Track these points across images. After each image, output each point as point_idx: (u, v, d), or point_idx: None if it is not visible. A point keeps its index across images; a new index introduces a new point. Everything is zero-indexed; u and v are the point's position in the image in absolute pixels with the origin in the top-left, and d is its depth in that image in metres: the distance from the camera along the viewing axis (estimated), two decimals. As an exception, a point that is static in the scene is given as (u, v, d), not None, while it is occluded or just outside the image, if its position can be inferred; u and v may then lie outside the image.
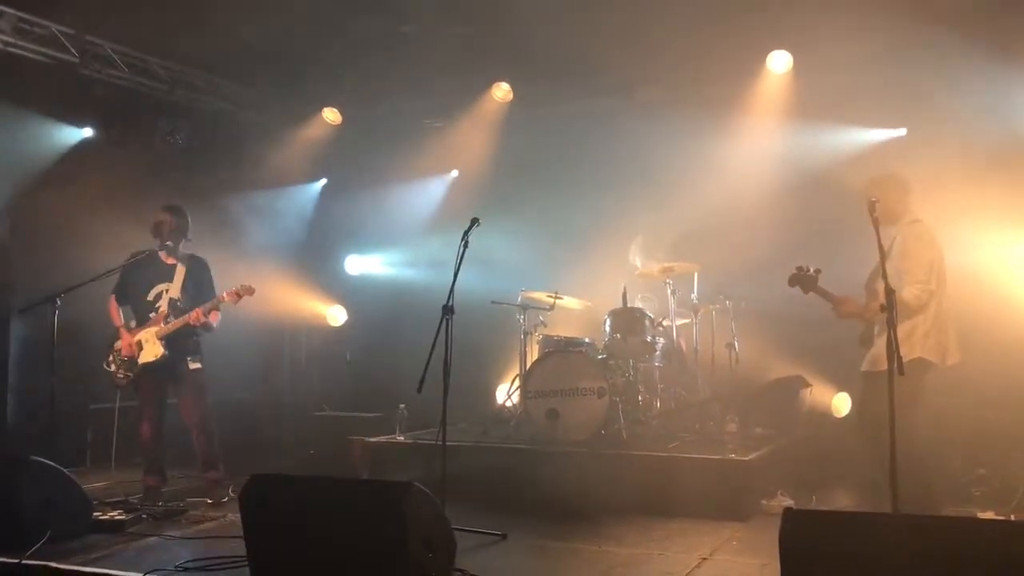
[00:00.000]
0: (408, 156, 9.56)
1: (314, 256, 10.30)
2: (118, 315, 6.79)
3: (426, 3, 7.72)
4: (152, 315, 6.66)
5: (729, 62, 7.87)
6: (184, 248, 6.84)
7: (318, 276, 10.17)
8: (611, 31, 7.69)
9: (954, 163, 6.83)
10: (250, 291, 6.58)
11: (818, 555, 3.59)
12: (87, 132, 8.65)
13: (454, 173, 9.94)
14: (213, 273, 6.95)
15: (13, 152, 8.21)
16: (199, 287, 6.77)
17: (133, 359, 6.61)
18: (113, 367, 6.67)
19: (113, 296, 6.82)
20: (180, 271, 6.73)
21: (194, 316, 6.51)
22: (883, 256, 4.56)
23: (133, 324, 6.75)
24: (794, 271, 5.43)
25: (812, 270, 5.38)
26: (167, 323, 6.58)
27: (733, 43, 7.62)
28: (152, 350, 6.59)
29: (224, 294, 6.56)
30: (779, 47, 7.95)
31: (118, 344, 6.69)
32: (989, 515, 5.79)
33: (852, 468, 6.57)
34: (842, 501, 6.45)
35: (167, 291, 6.69)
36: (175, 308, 6.62)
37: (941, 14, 6.69)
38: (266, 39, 8.03)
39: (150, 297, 6.71)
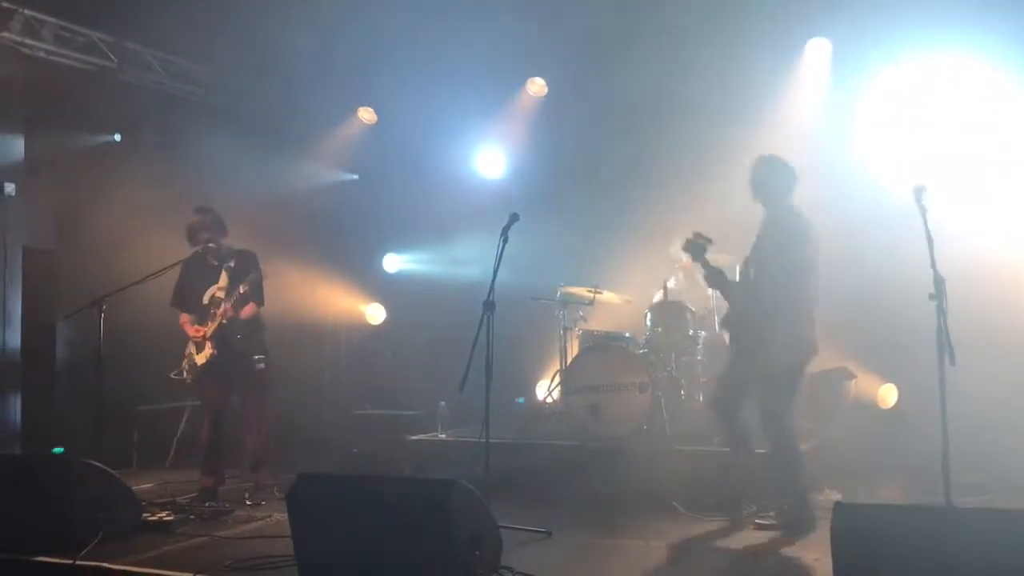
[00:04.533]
0: (444, 153, 9.58)
1: (352, 255, 10.34)
2: (189, 326, 6.83)
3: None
4: (208, 318, 6.75)
5: (768, 50, 7.78)
6: (228, 245, 6.88)
7: (356, 275, 10.22)
8: (646, 23, 7.64)
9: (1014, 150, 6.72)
10: (257, 277, 6.56)
11: (870, 548, 3.54)
12: (129, 137, 8.76)
13: (490, 169, 9.92)
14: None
15: (57, 159, 8.33)
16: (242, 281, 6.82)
17: (193, 359, 6.72)
18: (184, 373, 6.78)
19: (178, 311, 6.89)
20: (227, 270, 6.79)
21: (222, 311, 6.58)
22: (931, 244, 4.46)
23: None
24: (690, 235, 5.51)
25: (704, 239, 5.44)
26: (212, 323, 6.66)
27: (772, 31, 7.54)
28: (204, 352, 6.69)
29: (241, 287, 6.54)
30: (818, 34, 7.86)
31: (189, 348, 6.78)
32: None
33: (899, 460, 6.47)
34: (891, 493, 6.35)
35: (218, 292, 6.77)
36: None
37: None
38: (302, 41, 8.09)
39: (205, 301, 6.80)
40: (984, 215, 6.90)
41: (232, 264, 6.78)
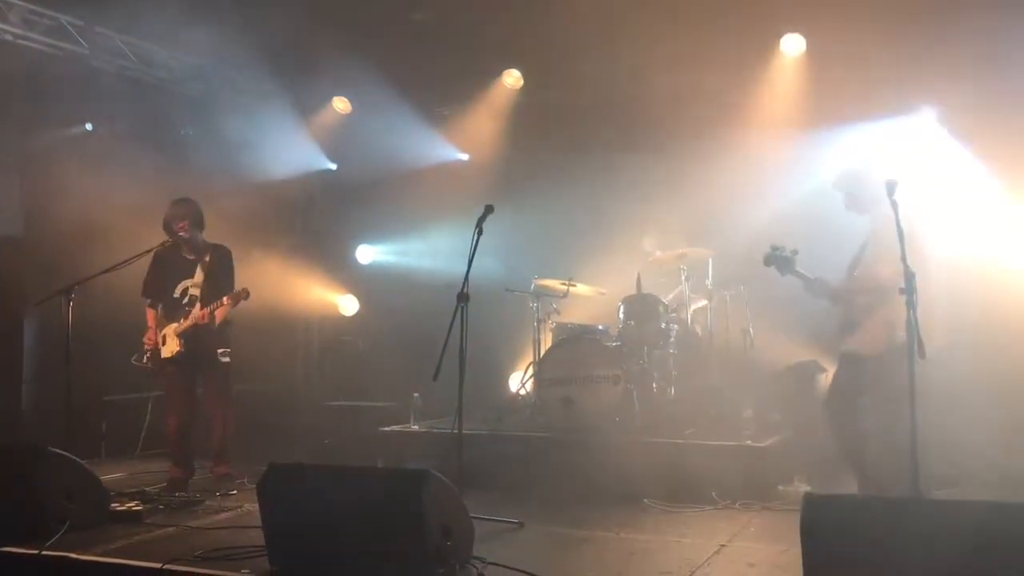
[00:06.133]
0: (419, 144, 9.55)
1: (325, 246, 10.29)
2: (153, 321, 6.78)
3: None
4: (180, 311, 6.68)
5: (741, 46, 7.80)
6: (203, 239, 6.82)
7: (329, 266, 10.16)
8: (621, 16, 7.64)
9: (988, 140, 6.77)
10: (245, 295, 6.56)
11: (839, 539, 3.57)
12: (98, 124, 8.65)
13: (466, 161, 9.91)
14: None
15: (24, 146, 8.22)
16: (220, 279, 6.76)
17: (156, 351, 6.64)
18: (145, 359, 6.72)
19: (147, 301, 6.82)
20: (202, 265, 6.73)
21: (200, 315, 6.52)
22: (902, 239, 4.50)
23: (164, 320, 6.79)
24: (768, 250, 5.42)
25: (789, 251, 5.37)
26: (186, 320, 6.60)
27: (745, 27, 7.56)
28: (170, 346, 6.65)
29: (224, 299, 6.54)
30: (792, 30, 7.90)
31: (145, 338, 6.75)
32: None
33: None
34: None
35: (192, 287, 6.70)
36: (198, 303, 6.64)
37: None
38: (276, 29, 8.02)
39: (176, 294, 6.74)
40: (956, 210, 6.96)
41: (208, 259, 6.73)
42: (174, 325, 6.65)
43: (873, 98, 7.53)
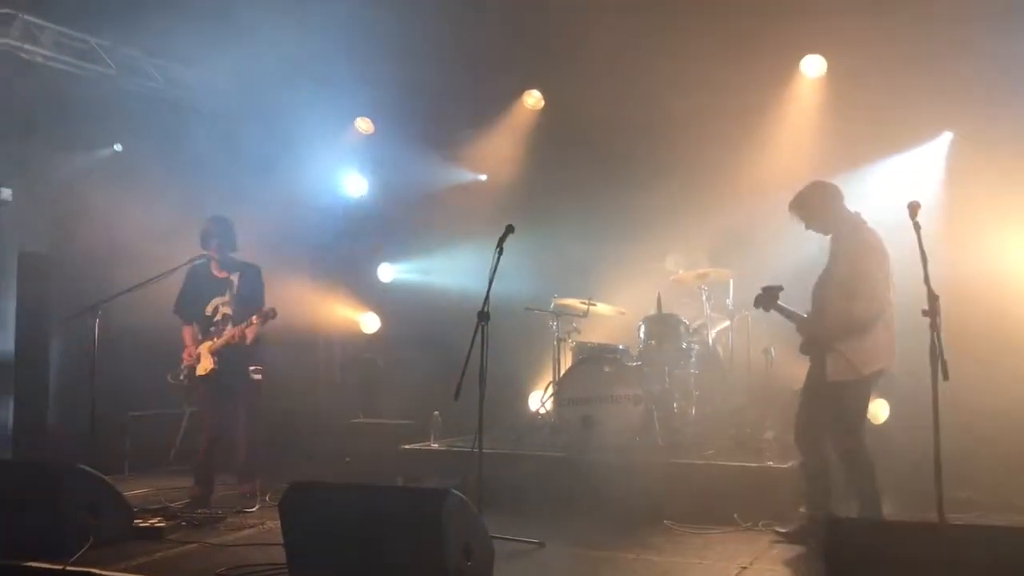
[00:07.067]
0: (441, 164, 9.61)
1: (347, 264, 10.34)
2: (190, 339, 6.86)
3: (458, 10, 7.76)
4: (212, 329, 6.77)
5: (762, 67, 7.81)
6: (234, 257, 6.90)
7: (351, 284, 10.21)
8: (642, 38, 7.68)
9: (1007, 165, 6.74)
10: (273, 314, 6.60)
11: (862, 563, 3.56)
12: (126, 144, 8.76)
13: (486, 181, 9.96)
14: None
15: (53, 166, 8.34)
16: (249, 297, 6.83)
17: (192, 368, 6.72)
18: (181, 376, 6.80)
19: (180, 319, 6.90)
20: (233, 283, 6.81)
21: (230, 335, 6.58)
22: (924, 260, 4.48)
23: (200, 337, 6.87)
24: (760, 291, 5.48)
25: (775, 288, 5.41)
26: (219, 338, 6.67)
27: (766, 48, 7.58)
28: (204, 364, 6.71)
29: (253, 318, 6.58)
30: (813, 51, 7.91)
31: (184, 355, 6.83)
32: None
33: (891, 475, 6.47)
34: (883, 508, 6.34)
35: (222, 305, 6.78)
36: (230, 322, 6.71)
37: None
38: (300, 50, 8.12)
39: (208, 312, 6.83)
40: (978, 230, 6.92)
41: (238, 277, 6.79)
42: (208, 343, 6.73)
43: (894, 121, 7.52)
